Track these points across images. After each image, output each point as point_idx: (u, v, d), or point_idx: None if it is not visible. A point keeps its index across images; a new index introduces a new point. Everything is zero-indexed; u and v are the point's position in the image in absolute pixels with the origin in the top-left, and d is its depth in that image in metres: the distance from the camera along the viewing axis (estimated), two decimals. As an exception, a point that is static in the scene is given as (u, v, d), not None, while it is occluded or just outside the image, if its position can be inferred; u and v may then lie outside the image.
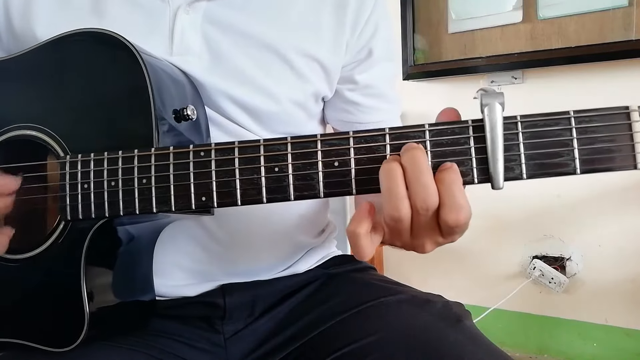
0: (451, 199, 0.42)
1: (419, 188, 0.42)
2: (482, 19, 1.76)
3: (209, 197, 0.47)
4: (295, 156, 0.46)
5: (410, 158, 0.42)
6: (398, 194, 0.42)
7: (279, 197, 0.46)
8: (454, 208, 0.42)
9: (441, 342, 0.56)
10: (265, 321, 0.67)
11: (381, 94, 0.74)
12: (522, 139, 0.42)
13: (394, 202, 0.42)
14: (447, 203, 0.42)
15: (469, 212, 0.42)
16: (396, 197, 0.42)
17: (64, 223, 0.53)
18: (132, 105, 0.52)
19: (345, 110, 0.73)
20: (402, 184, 0.42)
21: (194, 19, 0.62)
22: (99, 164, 0.51)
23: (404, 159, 0.43)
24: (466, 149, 0.43)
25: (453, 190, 0.42)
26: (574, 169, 0.41)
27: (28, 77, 0.58)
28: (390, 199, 0.43)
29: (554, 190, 1.72)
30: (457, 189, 0.42)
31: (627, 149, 0.40)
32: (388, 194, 0.43)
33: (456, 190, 0.42)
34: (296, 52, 0.65)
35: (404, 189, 0.42)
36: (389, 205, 0.43)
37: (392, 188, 0.42)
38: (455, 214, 0.42)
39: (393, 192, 0.42)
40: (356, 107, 0.73)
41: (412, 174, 0.42)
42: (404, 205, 0.42)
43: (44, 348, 0.53)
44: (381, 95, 0.74)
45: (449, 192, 0.42)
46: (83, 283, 0.51)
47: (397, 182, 0.42)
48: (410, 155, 0.42)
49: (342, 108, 0.73)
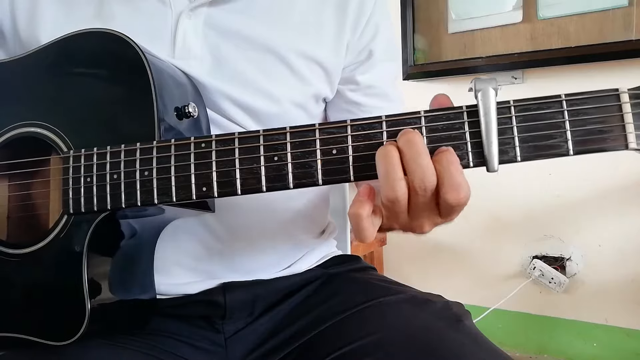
0: (450, 179, 0.42)
1: (416, 168, 0.43)
2: (482, 19, 1.76)
3: (210, 187, 0.48)
4: (294, 145, 0.46)
5: (406, 141, 0.43)
6: (395, 174, 0.43)
7: (278, 186, 0.47)
8: (454, 187, 0.42)
9: (441, 342, 0.56)
10: (266, 321, 0.67)
11: (383, 93, 0.75)
12: (516, 122, 0.43)
13: (390, 183, 0.43)
14: (446, 183, 0.42)
15: (468, 190, 0.43)
16: (393, 179, 0.43)
17: (66, 217, 0.54)
18: (135, 102, 0.53)
19: (348, 111, 0.74)
20: (398, 165, 0.43)
21: (195, 23, 0.63)
22: (102, 157, 0.52)
23: (401, 142, 0.43)
24: (461, 133, 0.44)
25: (451, 170, 0.42)
26: (567, 150, 0.42)
27: (33, 75, 0.59)
28: (387, 181, 0.43)
29: (554, 190, 1.72)
30: (455, 168, 0.43)
31: (618, 130, 0.42)
32: (385, 175, 0.43)
33: (454, 170, 0.42)
34: (297, 55, 0.66)
35: (400, 170, 0.43)
36: (386, 186, 0.43)
37: (389, 170, 0.43)
38: (455, 192, 0.43)
39: (389, 174, 0.43)
40: (358, 107, 0.73)
41: (409, 156, 0.43)
42: (401, 186, 0.43)
43: (44, 342, 0.54)
44: (383, 95, 0.75)
45: (448, 173, 0.42)
46: (84, 277, 0.52)
47: (393, 163, 0.43)
48: (406, 138, 0.43)
49: (345, 108, 0.74)
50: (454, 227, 1.85)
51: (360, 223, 0.45)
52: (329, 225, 0.81)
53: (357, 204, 0.45)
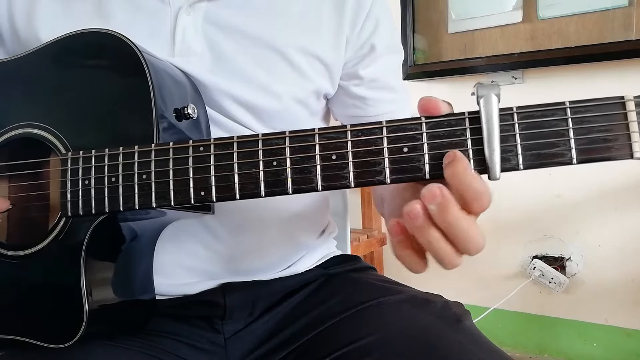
0: (471, 191, 0.41)
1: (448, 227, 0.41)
2: (482, 19, 1.76)
3: (208, 192, 0.48)
4: (294, 150, 0.46)
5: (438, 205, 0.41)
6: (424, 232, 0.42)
7: (277, 191, 0.46)
8: (477, 198, 0.41)
9: (441, 342, 0.56)
10: (265, 321, 0.67)
11: (387, 86, 0.74)
12: (519, 129, 0.42)
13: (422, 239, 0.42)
14: (469, 197, 0.41)
15: (489, 192, 0.41)
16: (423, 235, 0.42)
17: (64, 220, 0.54)
18: (134, 103, 0.53)
19: (354, 106, 0.73)
20: (427, 223, 0.41)
21: (194, 19, 0.63)
22: (100, 160, 0.51)
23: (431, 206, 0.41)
24: (463, 140, 0.43)
25: (469, 181, 0.40)
26: (571, 158, 0.41)
27: (31, 76, 0.59)
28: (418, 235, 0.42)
29: (554, 190, 1.72)
30: (471, 177, 0.41)
31: (623, 139, 0.40)
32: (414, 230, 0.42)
33: (471, 179, 0.41)
34: (297, 50, 0.65)
35: (428, 224, 0.41)
36: (419, 236, 0.42)
37: (416, 230, 0.42)
38: (479, 202, 0.41)
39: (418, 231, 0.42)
40: (364, 101, 0.73)
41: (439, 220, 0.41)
42: (433, 236, 0.42)
43: (42, 344, 0.53)
44: (388, 87, 0.74)
45: (465, 185, 0.40)
46: (82, 279, 0.52)
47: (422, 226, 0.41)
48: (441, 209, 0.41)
49: (351, 103, 0.74)
50: (453, 227, 1.80)
51: (406, 263, 0.44)
52: (328, 225, 0.81)
53: (396, 247, 0.44)
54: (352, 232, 1.35)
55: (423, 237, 0.42)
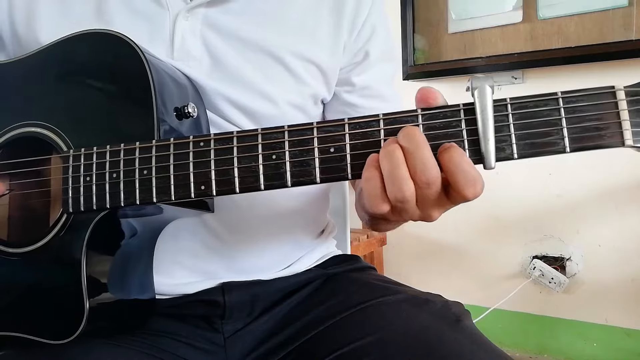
0: (464, 175, 0.42)
1: (416, 161, 0.42)
2: (482, 19, 1.76)
3: (208, 186, 0.48)
4: (292, 143, 0.47)
5: (405, 134, 0.43)
6: (400, 173, 0.43)
7: (276, 184, 0.47)
8: (469, 182, 0.42)
9: (441, 341, 0.56)
10: (265, 321, 0.67)
11: (379, 94, 0.75)
12: (512, 120, 0.43)
13: (397, 184, 0.43)
14: (461, 180, 0.42)
15: (482, 180, 0.43)
16: (399, 179, 0.43)
17: (65, 216, 0.54)
18: (135, 102, 0.54)
19: (343, 112, 0.74)
20: (402, 163, 0.43)
21: (193, 24, 0.63)
22: (101, 156, 0.52)
23: (400, 137, 0.43)
24: (458, 131, 0.44)
25: (463, 166, 0.42)
26: (564, 147, 0.42)
27: (33, 76, 0.59)
28: (393, 182, 0.43)
29: (554, 190, 1.72)
30: (465, 162, 0.42)
31: (614, 127, 0.42)
32: (390, 176, 0.43)
33: (465, 165, 0.42)
34: (294, 56, 0.66)
35: (405, 169, 0.43)
36: (393, 187, 0.43)
37: (393, 170, 0.43)
38: (472, 187, 0.42)
39: (395, 174, 0.43)
40: (354, 108, 0.73)
41: (409, 149, 0.43)
42: (408, 187, 0.43)
43: (42, 340, 0.54)
44: (379, 96, 0.75)
45: (460, 169, 0.42)
46: (83, 276, 0.52)
47: (398, 163, 0.43)
48: (406, 132, 0.43)
49: (340, 110, 0.74)
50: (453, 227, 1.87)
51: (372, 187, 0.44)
52: (328, 225, 0.81)
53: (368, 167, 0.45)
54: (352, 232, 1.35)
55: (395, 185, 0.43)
